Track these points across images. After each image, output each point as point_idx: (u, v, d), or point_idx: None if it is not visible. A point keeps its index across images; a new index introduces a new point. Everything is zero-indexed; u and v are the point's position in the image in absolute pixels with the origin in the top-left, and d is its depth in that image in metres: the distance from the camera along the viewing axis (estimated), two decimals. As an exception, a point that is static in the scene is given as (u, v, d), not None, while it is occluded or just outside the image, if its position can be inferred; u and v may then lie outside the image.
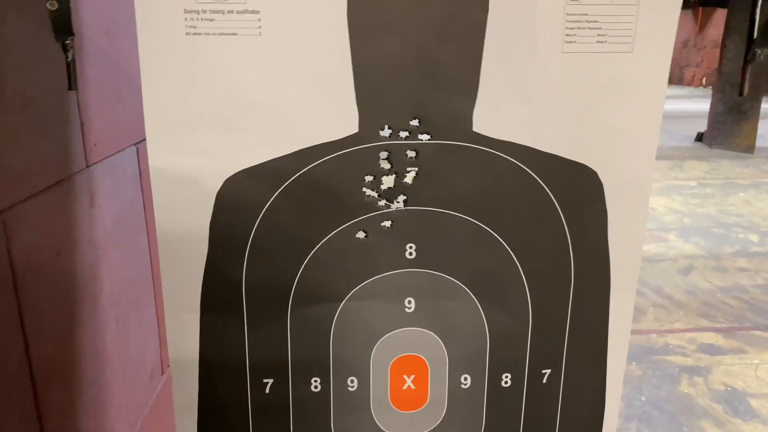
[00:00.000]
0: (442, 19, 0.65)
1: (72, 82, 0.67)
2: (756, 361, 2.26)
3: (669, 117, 7.41)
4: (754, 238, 3.57)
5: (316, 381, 0.76)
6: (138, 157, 1.00)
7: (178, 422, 0.75)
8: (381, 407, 0.78)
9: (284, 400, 0.76)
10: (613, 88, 0.69)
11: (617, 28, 0.67)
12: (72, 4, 0.73)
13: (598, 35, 0.67)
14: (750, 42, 0.69)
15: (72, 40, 0.66)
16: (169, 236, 0.69)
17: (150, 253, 1.04)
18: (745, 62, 0.70)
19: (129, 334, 0.95)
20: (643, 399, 2.02)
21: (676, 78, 11.19)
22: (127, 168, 0.96)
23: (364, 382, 0.77)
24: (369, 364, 0.77)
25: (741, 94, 0.77)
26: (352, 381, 0.77)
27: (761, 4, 0.69)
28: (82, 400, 0.79)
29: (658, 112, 0.71)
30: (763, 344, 2.38)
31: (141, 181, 1.01)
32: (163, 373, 1.13)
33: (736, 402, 2.00)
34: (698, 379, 2.14)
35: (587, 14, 0.66)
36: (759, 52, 0.68)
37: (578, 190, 0.72)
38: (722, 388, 2.09)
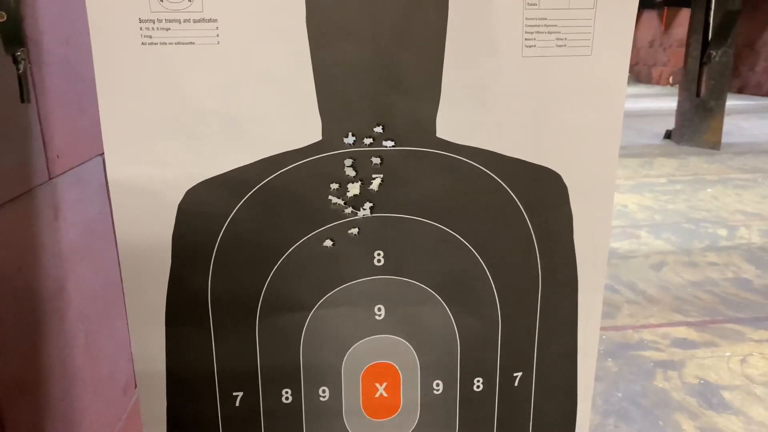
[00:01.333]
0: (401, 24, 0.65)
1: (24, 95, 0.66)
2: (728, 354, 2.30)
3: (638, 115, 7.54)
4: (723, 232, 3.64)
5: (287, 392, 0.75)
6: (104, 167, 0.98)
7: (146, 438, 0.74)
8: (354, 416, 0.78)
9: (255, 413, 0.75)
10: (573, 91, 0.70)
11: (576, 32, 0.68)
12: (30, 12, 0.72)
13: (557, 39, 0.67)
14: (705, 44, 0.71)
15: (23, 51, 0.64)
16: (131, 249, 0.67)
17: (119, 264, 1.03)
18: (701, 64, 0.71)
19: (99, 348, 0.94)
20: (620, 395, 2.05)
21: (644, 77, 11.38)
22: (92, 179, 0.94)
23: (336, 392, 0.77)
24: (340, 373, 0.76)
25: (698, 95, 0.78)
26: (323, 391, 0.76)
27: (716, 6, 0.71)
28: (50, 418, 0.77)
29: (619, 113, 0.72)
30: (735, 337, 2.42)
31: (108, 192, 0.99)
32: (136, 387, 1.11)
33: (709, 394, 2.04)
34: (672, 373, 2.17)
35: (546, 18, 0.67)
36: (714, 53, 0.70)
37: (542, 192, 0.73)
38: (696, 381, 2.13)
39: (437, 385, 0.78)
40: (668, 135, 6.41)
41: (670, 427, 1.87)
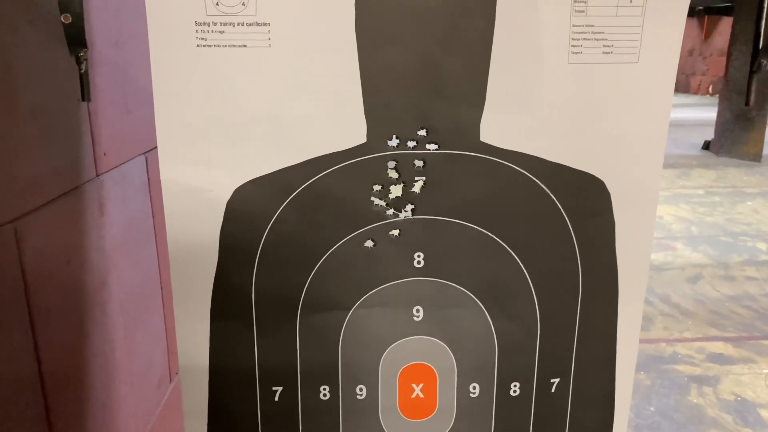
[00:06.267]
0: (449, 30, 0.65)
1: (85, 93, 0.68)
2: (766, 371, 2.24)
3: (676, 125, 7.39)
4: (763, 246, 3.55)
5: (325, 389, 0.76)
6: (147, 166, 1.00)
7: (187, 430, 0.75)
8: (390, 416, 0.78)
9: (293, 408, 0.76)
10: (619, 98, 0.69)
11: (623, 39, 0.67)
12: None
13: (604, 46, 0.67)
14: (756, 52, 0.70)
15: (85, 52, 0.66)
16: (179, 245, 0.69)
17: (158, 261, 1.05)
18: (751, 72, 0.70)
19: (137, 341, 0.96)
20: (652, 409, 2.01)
21: (682, 86, 11.18)
22: (135, 177, 0.97)
23: (372, 391, 0.77)
24: (378, 372, 0.77)
25: (747, 104, 0.77)
26: (360, 389, 0.77)
27: (767, 15, 0.70)
28: (91, 407, 0.79)
29: (664, 122, 0.71)
30: (773, 354, 2.36)
31: (150, 190, 1.02)
32: (170, 381, 1.13)
33: (746, 412, 1.99)
34: (707, 389, 2.12)
35: (593, 25, 0.66)
36: (765, 62, 0.69)
37: (586, 199, 0.72)
38: (732, 397, 2.07)
39: (474, 388, 0.78)
40: (706, 146, 6.28)
41: (704, 444, 1.83)
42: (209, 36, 0.63)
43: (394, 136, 0.69)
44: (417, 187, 0.71)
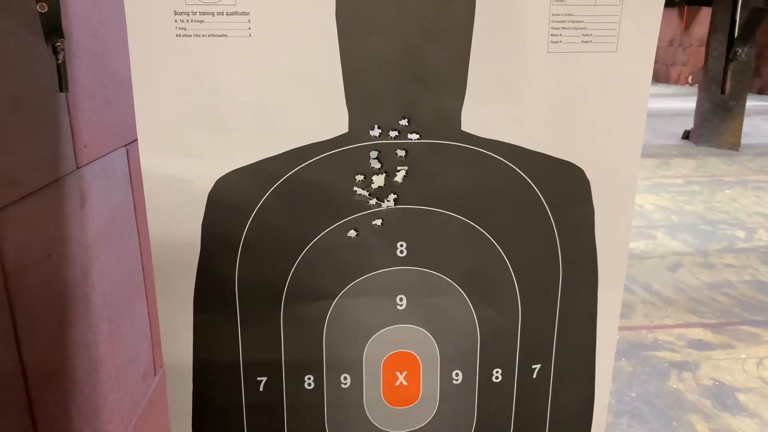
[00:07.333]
0: (429, 19, 0.66)
1: (63, 84, 0.67)
2: (743, 356, 2.28)
3: (656, 115, 7.46)
4: (741, 234, 3.61)
5: (309, 379, 0.77)
6: (128, 158, 1.00)
7: (172, 422, 0.75)
8: (374, 404, 0.79)
9: (278, 398, 0.77)
10: (598, 87, 0.70)
11: (602, 28, 0.68)
12: (61, 6, 0.74)
13: (583, 35, 0.68)
14: (731, 41, 0.71)
15: (62, 42, 0.66)
16: (161, 237, 0.69)
17: (141, 253, 1.04)
18: (727, 61, 0.71)
19: (121, 334, 0.95)
20: (633, 394, 2.04)
21: (662, 76, 11.28)
22: (117, 169, 0.96)
23: (357, 379, 0.78)
24: (362, 361, 0.77)
25: (723, 92, 0.78)
26: (345, 378, 0.77)
27: (741, 4, 0.71)
28: (75, 401, 0.79)
29: (642, 110, 0.72)
30: (750, 339, 2.41)
31: (131, 183, 1.01)
32: (155, 374, 1.12)
33: (724, 396, 2.03)
34: (687, 374, 2.16)
35: (572, 14, 0.67)
36: (740, 51, 0.70)
37: (565, 187, 0.73)
38: (710, 382, 2.11)
39: (456, 375, 0.79)
40: (686, 135, 6.35)
41: (684, 428, 1.86)
42: (188, 26, 0.63)
43: (376, 126, 0.69)
44: (399, 177, 0.71)
